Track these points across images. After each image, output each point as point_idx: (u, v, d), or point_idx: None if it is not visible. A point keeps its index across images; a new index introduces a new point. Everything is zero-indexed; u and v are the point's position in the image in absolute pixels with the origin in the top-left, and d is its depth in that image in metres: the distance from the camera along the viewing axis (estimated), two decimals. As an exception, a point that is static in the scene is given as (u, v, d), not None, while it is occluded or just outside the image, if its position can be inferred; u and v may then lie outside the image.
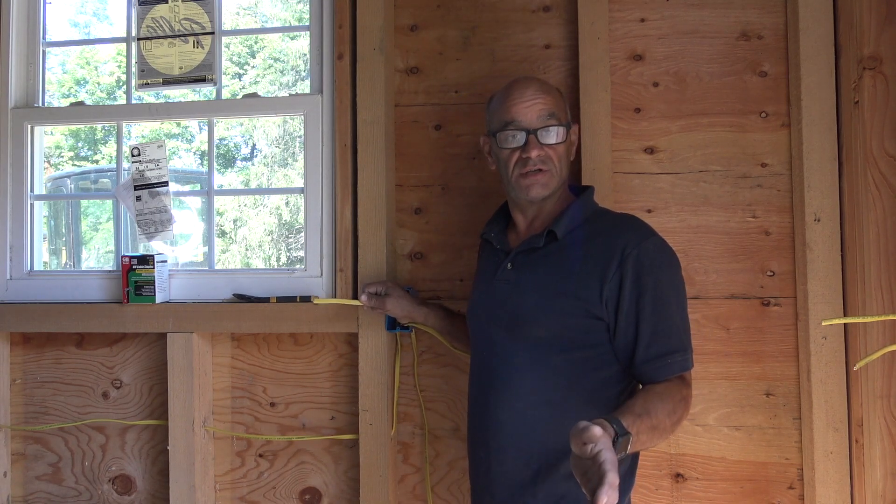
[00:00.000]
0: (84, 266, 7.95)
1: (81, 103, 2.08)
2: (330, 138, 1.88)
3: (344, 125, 1.85)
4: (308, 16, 1.93)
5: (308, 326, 1.83)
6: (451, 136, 1.84)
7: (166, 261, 1.93)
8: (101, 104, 6.98)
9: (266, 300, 1.86)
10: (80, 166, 9.40)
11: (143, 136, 8.11)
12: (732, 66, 1.73)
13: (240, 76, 10.34)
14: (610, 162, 1.72)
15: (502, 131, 1.40)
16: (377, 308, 1.68)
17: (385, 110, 1.81)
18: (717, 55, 1.74)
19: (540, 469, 1.31)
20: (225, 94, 2.01)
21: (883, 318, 1.59)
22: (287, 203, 9.26)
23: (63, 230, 6.90)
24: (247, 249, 9.22)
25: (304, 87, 2.46)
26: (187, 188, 6.60)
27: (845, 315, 1.62)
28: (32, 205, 2.05)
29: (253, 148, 10.49)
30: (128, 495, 1.97)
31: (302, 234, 1.96)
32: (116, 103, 2.52)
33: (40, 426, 2.00)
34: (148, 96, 2.19)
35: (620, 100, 1.76)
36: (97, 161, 9.61)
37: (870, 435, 1.59)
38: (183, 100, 2.13)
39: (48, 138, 8.69)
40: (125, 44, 2.02)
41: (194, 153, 10.05)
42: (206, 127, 2.08)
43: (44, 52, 2.08)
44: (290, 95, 2.04)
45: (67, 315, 1.92)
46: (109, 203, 7.68)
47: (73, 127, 8.86)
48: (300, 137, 2.76)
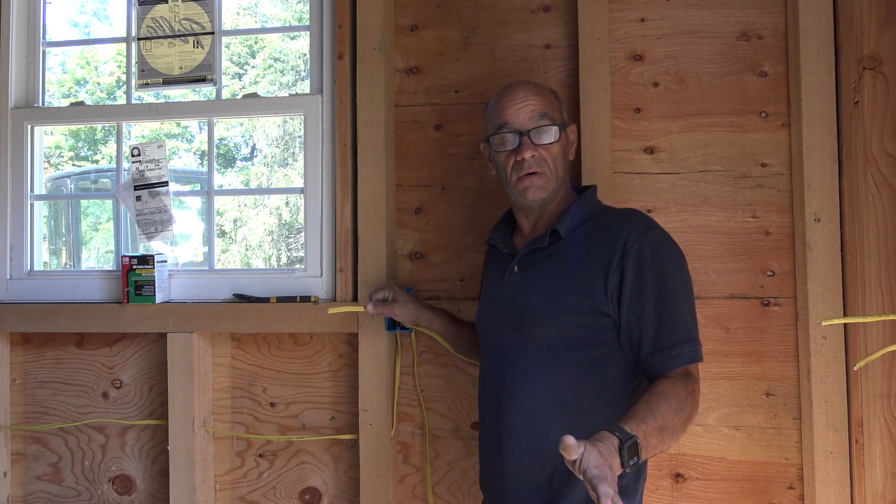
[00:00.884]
0: (84, 266, 7.95)
1: (81, 103, 2.08)
2: (330, 138, 1.88)
3: (344, 125, 1.85)
4: (308, 16, 1.93)
5: (308, 326, 1.83)
6: (451, 136, 1.84)
7: (166, 261, 1.93)
8: (101, 104, 6.98)
9: (266, 300, 1.86)
10: (80, 166, 9.40)
11: (143, 136, 8.12)
12: (732, 66, 1.73)
13: (240, 76, 10.35)
14: (610, 162, 1.72)
15: (496, 134, 1.41)
16: (385, 314, 1.67)
17: (385, 110, 1.81)
18: (717, 55, 1.74)
19: (555, 471, 1.29)
20: (225, 94, 2.01)
21: (883, 318, 1.59)
22: (287, 203, 9.26)
23: (63, 230, 6.91)
24: (247, 249, 9.22)
25: (304, 87, 2.46)
26: (187, 188, 6.60)
27: (845, 315, 1.62)
28: (32, 205, 2.05)
29: (253, 148, 10.50)
30: (128, 495, 1.97)
31: (302, 234, 1.96)
32: (116, 103, 2.51)
33: (40, 426, 2.00)
34: (148, 96, 2.19)
35: (620, 100, 1.76)
36: (97, 161, 9.62)
37: (870, 435, 1.59)
38: (183, 100, 2.13)
39: (48, 138, 8.69)
40: (125, 44, 2.02)
41: (194, 153, 10.06)
42: (206, 127, 2.08)
43: (44, 52, 2.08)
44: (290, 95, 2.03)
45: (67, 315, 1.92)
46: (109, 203, 7.69)
47: (73, 127, 8.87)
48: (300, 137, 2.76)
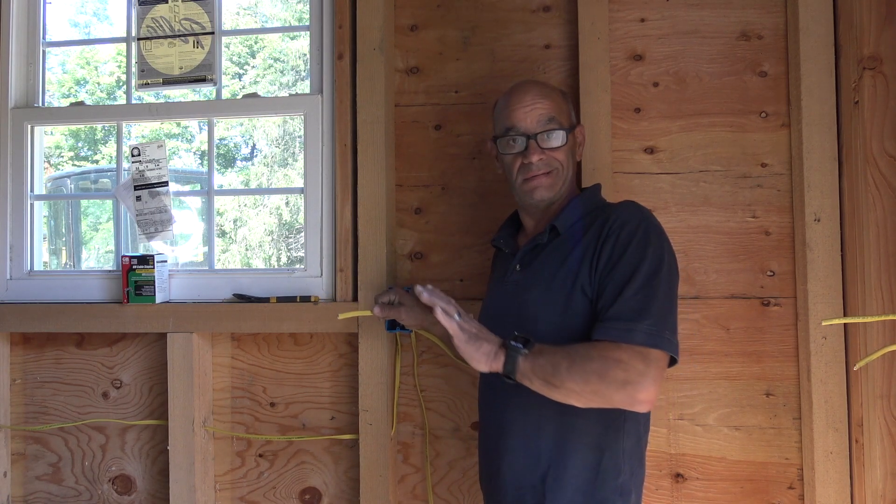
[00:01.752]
0: (84, 266, 7.95)
1: (81, 103, 2.08)
2: (330, 138, 1.88)
3: (344, 125, 1.85)
4: (308, 16, 1.93)
5: (308, 326, 1.83)
6: (451, 136, 1.84)
7: (166, 261, 1.93)
8: (101, 104, 6.98)
9: (266, 300, 1.86)
10: (80, 166, 9.40)
11: (143, 136, 8.12)
12: (732, 66, 1.73)
13: (240, 76, 10.35)
14: (610, 162, 1.72)
15: (503, 137, 1.43)
16: (389, 317, 1.66)
17: (385, 110, 1.81)
18: (717, 55, 1.74)
19: (549, 470, 1.30)
20: (225, 94, 2.01)
21: (883, 318, 1.59)
22: (287, 203, 9.26)
23: (63, 230, 6.91)
24: (247, 249, 9.22)
25: (304, 87, 2.46)
26: (187, 188, 6.60)
27: (845, 315, 1.62)
28: (32, 205, 2.05)
29: (253, 148, 10.50)
30: (128, 495, 1.97)
31: (302, 234, 1.96)
32: (116, 103, 2.51)
33: (40, 426, 2.00)
34: (148, 96, 2.19)
35: (620, 100, 1.76)
36: (97, 161, 9.62)
37: (870, 435, 1.59)
38: (183, 100, 2.13)
39: (48, 138, 8.69)
40: (125, 44, 2.02)
41: (194, 153, 10.06)
42: (206, 127, 2.08)
43: (44, 52, 2.08)
44: (290, 95, 2.03)
45: (67, 315, 1.92)
46: (109, 203, 7.69)
47: (73, 127, 8.87)
48: (300, 137, 2.76)
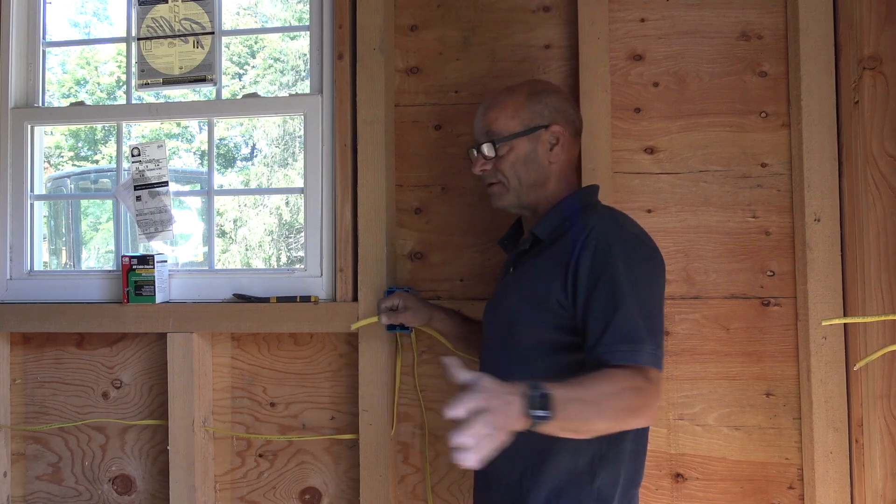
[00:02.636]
0: (84, 266, 7.95)
1: (81, 103, 2.08)
2: (330, 138, 1.88)
3: (344, 125, 1.85)
4: (308, 16, 1.93)
5: (308, 326, 1.83)
6: (451, 136, 1.84)
7: (166, 261, 1.93)
8: (101, 104, 6.98)
9: (266, 300, 1.86)
10: (80, 166, 9.40)
11: (143, 136, 8.11)
12: (732, 66, 1.73)
13: (240, 76, 10.35)
14: (610, 162, 1.72)
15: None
16: (396, 322, 1.67)
17: (385, 110, 1.81)
18: (717, 55, 1.74)
19: (525, 472, 1.30)
20: (225, 94, 2.01)
21: (883, 318, 1.59)
22: (287, 203, 9.26)
23: (63, 230, 6.91)
24: (247, 249, 9.22)
25: (304, 87, 2.46)
26: (187, 188, 6.60)
27: (845, 315, 1.62)
28: (32, 205, 2.05)
29: (253, 148, 10.50)
30: (128, 495, 1.97)
31: (302, 234, 1.96)
32: (116, 103, 2.52)
33: (40, 426, 2.00)
34: (148, 96, 2.19)
35: (620, 100, 1.76)
36: (97, 161, 9.62)
37: (870, 435, 1.59)
38: (183, 100, 2.13)
39: (48, 138, 8.69)
40: (125, 44, 2.01)
41: (194, 153, 10.06)
42: (206, 127, 2.08)
43: (44, 52, 2.08)
44: (290, 95, 2.03)
45: (67, 315, 1.92)
46: (109, 203, 7.68)
47: (73, 127, 8.87)
48: (300, 137, 2.76)
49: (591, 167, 1.71)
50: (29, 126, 2.03)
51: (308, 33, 1.92)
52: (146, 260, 1.88)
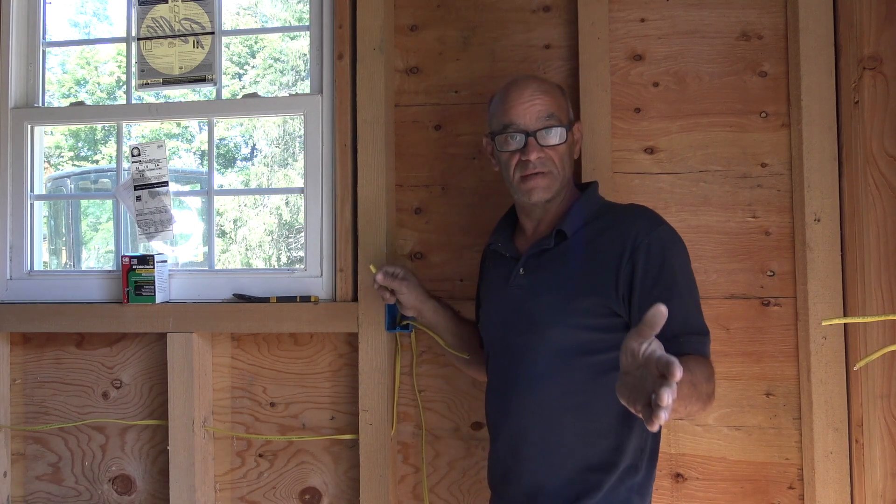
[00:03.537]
0: (84, 266, 7.95)
1: (81, 103, 2.08)
2: (330, 138, 1.88)
3: (344, 125, 1.85)
4: (308, 16, 1.93)
5: (308, 326, 1.83)
6: (451, 136, 1.84)
7: (166, 261, 1.93)
8: (101, 104, 6.98)
9: (266, 300, 1.86)
10: (80, 166, 9.40)
11: (143, 136, 8.11)
12: (732, 66, 1.73)
13: (240, 76, 10.35)
14: (610, 162, 1.72)
15: (501, 133, 1.40)
16: (391, 287, 1.56)
17: (385, 110, 1.81)
18: (717, 55, 1.74)
19: (574, 477, 1.29)
20: (225, 94, 2.01)
21: (883, 318, 1.58)
22: (287, 203, 9.26)
23: (63, 230, 6.91)
24: (247, 249, 9.22)
25: (304, 87, 2.46)
26: (187, 188, 6.61)
27: (845, 315, 1.62)
28: (32, 205, 2.05)
29: (253, 148, 10.50)
30: (128, 495, 1.97)
31: (302, 234, 1.96)
32: (116, 103, 2.52)
33: (40, 426, 2.00)
34: (148, 96, 2.19)
35: (620, 100, 1.76)
36: (97, 161, 9.62)
37: (870, 435, 1.59)
38: (183, 100, 2.13)
39: (48, 138, 8.69)
40: (125, 44, 2.02)
41: (194, 153, 10.06)
42: (206, 127, 2.08)
43: (44, 52, 2.08)
44: (290, 95, 2.03)
45: (67, 315, 1.92)
46: (109, 203, 7.68)
47: (73, 127, 8.87)
48: (300, 137, 2.76)
49: (591, 167, 1.71)
50: (29, 126, 2.03)
51: (308, 33, 1.92)
52: (146, 260, 1.88)
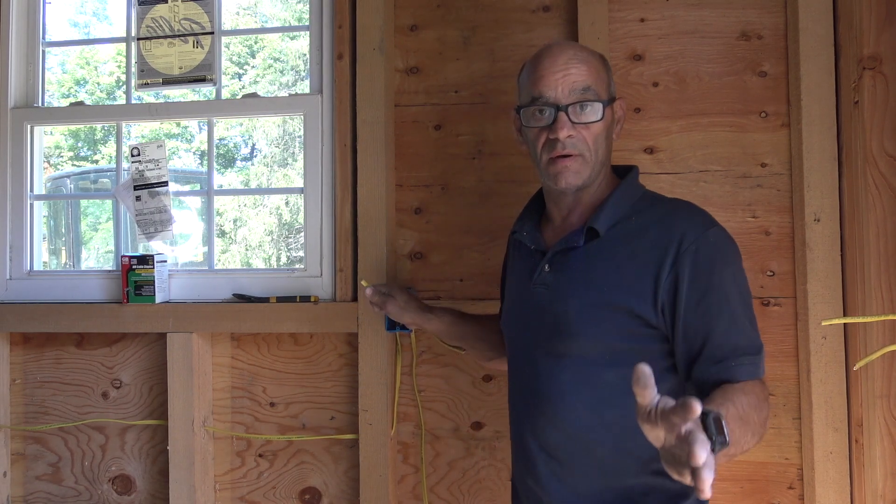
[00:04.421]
0: (84, 266, 7.95)
1: (81, 103, 2.08)
2: (330, 138, 1.88)
3: (344, 125, 1.85)
4: (308, 16, 1.93)
5: (308, 326, 1.83)
6: (451, 136, 1.84)
7: (166, 261, 1.93)
8: (101, 104, 6.98)
9: (266, 300, 1.86)
10: (80, 166, 9.40)
11: (143, 136, 8.11)
12: (732, 66, 1.73)
13: (240, 76, 10.34)
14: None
15: (528, 107, 1.21)
16: (378, 306, 1.55)
17: (385, 110, 1.81)
18: (717, 55, 1.74)
19: (604, 492, 1.18)
20: (225, 94, 2.01)
21: (883, 318, 1.58)
22: (287, 203, 9.26)
23: (63, 230, 6.91)
24: (247, 249, 9.22)
25: (304, 87, 2.46)
26: (187, 188, 6.60)
27: (845, 315, 1.62)
28: (32, 205, 2.05)
29: (253, 148, 10.49)
30: (128, 495, 1.97)
31: (302, 234, 1.96)
32: (116, 103, 2.51)
33: (40, 426, 2.00)
34: (148, 96, 2.19)
35: (620, 100, 1.75)
36: (97, 161, 9.61)
37: (870, 435, 1.59)
38: (183, 100, 2.13)
39: (48, 138, 8.69)
40: (125, 44, 2.01)
41: (194, 153, 10.05)
42: (206, 127, 2.08)
43: (44, 52, 2.08)
44: (290, 95, 2.03)
45: (67, 315, 1.92)
46: (109, 203, 7.68)
47: (73, 127, 8.86)
48: (300, 137, 2.76)
49: (591, 167, 1.71)
50: (29, 126, 2.03)
51: (308, 33, 1.92)
52: (146, 260, 1.88)
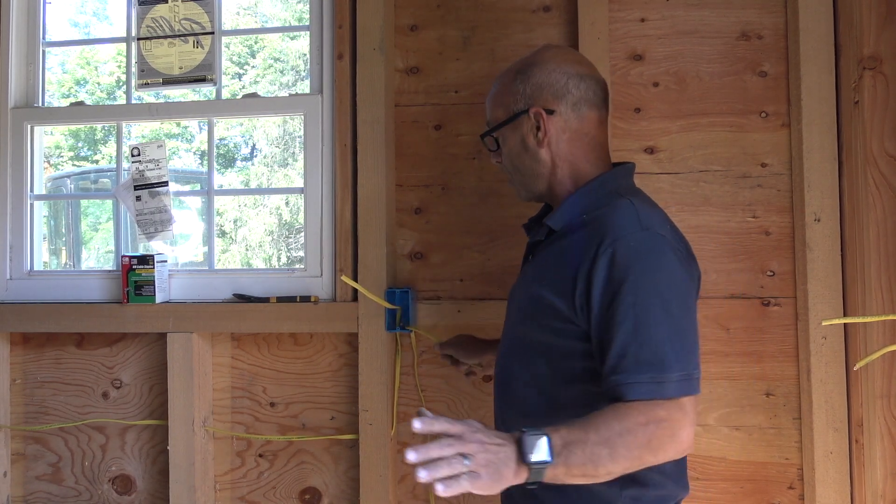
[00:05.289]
0: (84, 266, 7.95)
1: (81, 103, 2.08)
2: (330, 138, 1.88)
3: (344, 125, 1.85)
4: (308, 16, 1.93)
5: (308, 326, 1.83)
6: (451, 136, 1.84)
7: (166, 261, 1.93)
8: (101, 104, 6.98)
9: (266, 300, 1.86)
10: (80, 166, 9.40)
11: (143, 136, 8.11)
12: (732, 66, 1.73)
13: (240, 76, 10.34)
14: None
15: None
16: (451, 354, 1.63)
17: (385, 110, 1.81)
18: (717, 55, 1.74)
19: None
20: (225, 94, 2.01)
21: (883, 318, 1.59)
22: (287, 203, 9.26)
23: (63, 230, 6.91)
24: (247, 249, 9.22)
25: (304, 87, 2.46)
26: (187, 188, 6.61)
27: (845, 315, 1.62)
28: (32, 205, 2.05)
29: (253, 148, 10.49)
30: (128, 495, 1.97)
31: (302, 234, 1.96)
32: (116, 103, 2.51)
33: (40, 426, 2.00)
34: (148, 96, 2.19)
35: (620, 100, 1.76)
36: (97, 161, 9.61)
37: (870, 435, 1.59)
38: (183, 100, 2.13)
39: (48, 138, 8.69)
40: (125, 44, 2.01)
41: (194, 153, 10.05)
42: (206, 127, 2.08)
43: (44, 52, 2.08)
44: (290, 95, 2.04)
45: (67, 315, 1.92)
46: (109, 203, 7.68)
47: (73, 127, 8.86)
48: (300, 137, 2.76)
49: (591, 167, 1.71)
50: (29, 126, 2.03)
51: (308, 33, 1.92)
52: (146, 260, 1.88)
